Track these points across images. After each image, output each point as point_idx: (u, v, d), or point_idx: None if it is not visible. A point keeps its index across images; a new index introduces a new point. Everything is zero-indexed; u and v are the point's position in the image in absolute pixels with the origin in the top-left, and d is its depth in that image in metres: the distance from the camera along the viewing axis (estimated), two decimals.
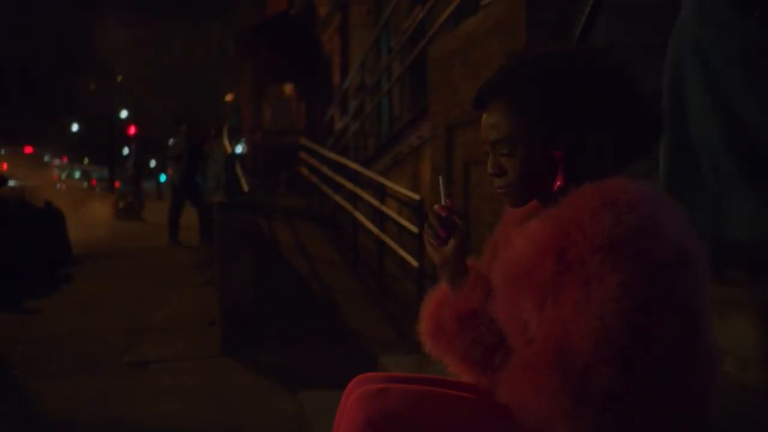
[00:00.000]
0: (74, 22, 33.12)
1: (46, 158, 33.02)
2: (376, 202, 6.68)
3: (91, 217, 13.43)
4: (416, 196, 5.45)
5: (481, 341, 1.36)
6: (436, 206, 1.45)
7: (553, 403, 1.13)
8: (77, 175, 28.44)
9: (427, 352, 1.48)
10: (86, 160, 34.00)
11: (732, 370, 1.74)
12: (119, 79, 35.15)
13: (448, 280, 1.44)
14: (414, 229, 5.42)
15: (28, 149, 34.05)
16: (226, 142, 9.05)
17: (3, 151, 32.86)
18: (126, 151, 34.30)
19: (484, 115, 1.36)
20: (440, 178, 1.53)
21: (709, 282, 1.23)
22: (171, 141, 10.49)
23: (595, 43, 2.79)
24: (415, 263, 5.35)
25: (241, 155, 10.91)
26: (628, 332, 1.12)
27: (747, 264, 1.92)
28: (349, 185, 7.74)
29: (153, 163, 38.62)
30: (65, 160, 33.98)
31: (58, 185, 25.55)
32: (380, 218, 6.60)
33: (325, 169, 9.49)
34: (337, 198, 8.64)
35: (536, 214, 1.32)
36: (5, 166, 30.42)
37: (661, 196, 1.23)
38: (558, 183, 1.30)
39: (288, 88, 20.90)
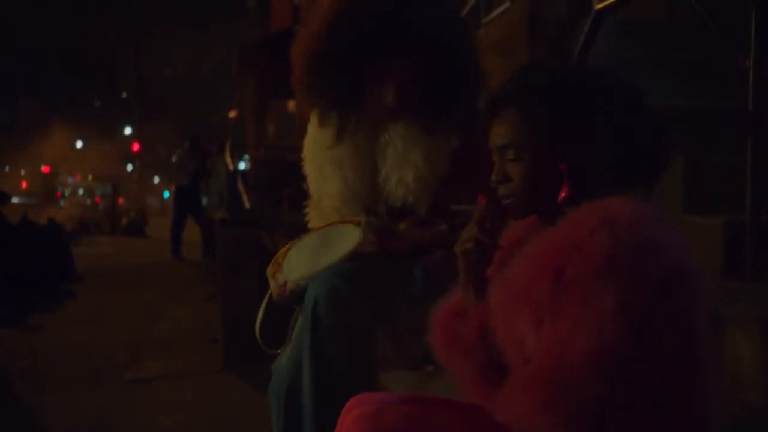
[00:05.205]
0: (79, 39, 33.34)
1: (61, 176, 33.33)
2: None
3: None
4: None
5: (500, 355, 1.35)
6: (488, 224, 1.39)
7: (548, 420, 1.13)
8: (81, 192, 28.54)
9: (441, 365, 1.45)
10: (90, 177, 34.16)
11: (731, 388, 1.73)
12: (123, 95, 35.31)
13: (472, 295, 1.41)
14: None
15: (46, 168, 34.39)
16: (228, 159, 9.07)
17: (23, 172, 33.28)
18: (130, 167, 34.44)
19: (494, 122, 1.37)
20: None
21: (708, 300, 1.23)
22: (174, 157, 10.53)
23: (596, 60, 2.80)
24: None
25: (243, 171, 10.93)
26: (626, 351, 1.12)
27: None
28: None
29: (156, 180, 38.73)
30: (78, 177, 34.24)
31: (62, 202, 25.64)
32: None
33: None
34: None
35: (536, 231, 1.32)
36: (24, 184, 30.71)
37: (661, 215, 1.23)
38: (563, 194, 1.30)
39: (292, 104, 20.95)
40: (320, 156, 2.13)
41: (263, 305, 2.12)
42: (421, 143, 2.02)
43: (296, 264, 2.02)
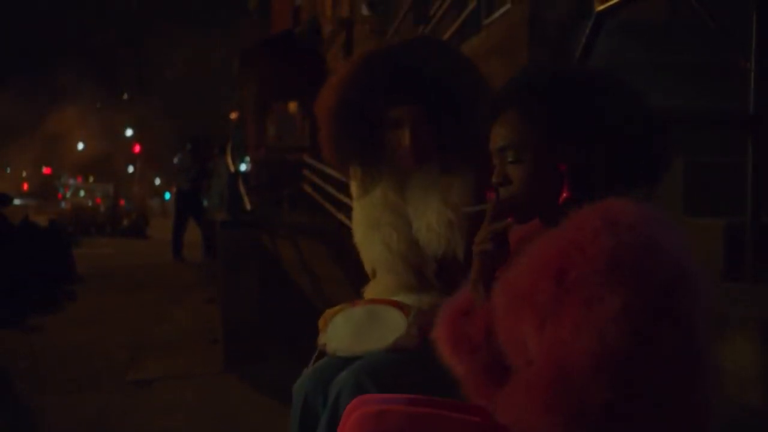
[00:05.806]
0: (79, 39, 33.38)
1: (63, 178, 33.43)
2: None
3: None
4: None
5: (503, 355, 1.35)
6: (509, 220, 1.38)
7: (548, 420, 1.13)
8: (82, 193, 28.56)
9: (445, 362, 1.45)
10: (91, 179, 34.20)
11: (732, 389, 1.73)
12: (125, 96, 35.34)
13: (482, 294, 1.40)
14: None
15: (47, 170, 34.44)
16: (230, 161, 9.08)
17: (24, 173, 33.35)
18: (131, 169, 34.46)
19: (495, 125, 1.37)
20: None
21: (710, 301, 1.23)
22: (176, 159, 10.55)
23: (596, 61, 2.80)
24: None
25: (245, 172, 10.94)
26: (627, 352, 1.12)
27: None
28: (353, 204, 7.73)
29: (158, 181, 38.77)
30: (80, 179, 34.29)
31: (63, 204, 25.68)
32: None
33: (329, 188, 9.50)
34: (341, 216, 8.64)
35: (538, 232, 1.32)
36: (25, 186, 30.74)
37: (662, 216, 1.23)
38: (564, 195, 1.30)
39: (292, 106, 20.97)
40: (362, 224, 2.14)
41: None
42: (437, 185, 2.01)
43: (338, 334, 2.02)
